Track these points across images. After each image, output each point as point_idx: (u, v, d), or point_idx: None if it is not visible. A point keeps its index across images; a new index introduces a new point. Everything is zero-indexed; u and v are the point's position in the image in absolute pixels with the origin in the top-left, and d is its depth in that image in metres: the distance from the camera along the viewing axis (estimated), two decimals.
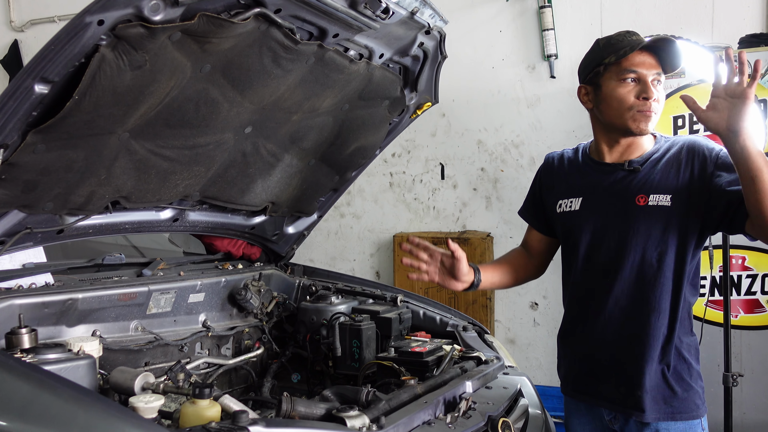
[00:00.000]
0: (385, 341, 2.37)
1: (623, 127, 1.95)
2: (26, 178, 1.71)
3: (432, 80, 2.42)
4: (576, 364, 2.10)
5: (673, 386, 1.91)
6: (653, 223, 1.90)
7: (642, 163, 1.96)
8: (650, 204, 1.90)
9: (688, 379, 1.93)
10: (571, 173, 2.10)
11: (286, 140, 2.29)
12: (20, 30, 5.80)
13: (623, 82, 1.93)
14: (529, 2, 4.33)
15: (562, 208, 2.07)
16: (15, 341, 1.66)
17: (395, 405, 1.71)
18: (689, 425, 1.92)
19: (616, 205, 1.95)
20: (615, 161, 2.00)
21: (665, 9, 4.05)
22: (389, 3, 1.86)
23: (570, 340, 2.13)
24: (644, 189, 1.92)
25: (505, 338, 4.54)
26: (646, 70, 1.92)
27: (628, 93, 1.92)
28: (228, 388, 2.40)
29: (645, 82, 1.91)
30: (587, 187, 2.03)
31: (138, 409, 1.49)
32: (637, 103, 1.91)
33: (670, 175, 1.90)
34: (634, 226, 1.91)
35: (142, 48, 1.52)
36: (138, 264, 2.42)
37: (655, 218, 1.90)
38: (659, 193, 1.90)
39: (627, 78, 1.92)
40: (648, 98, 1.90)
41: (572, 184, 2.07)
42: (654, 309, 1.91)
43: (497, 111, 4.48)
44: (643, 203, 1.91)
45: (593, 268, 2.00)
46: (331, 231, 4.99)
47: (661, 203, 1.89)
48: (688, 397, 1.92)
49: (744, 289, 3.46)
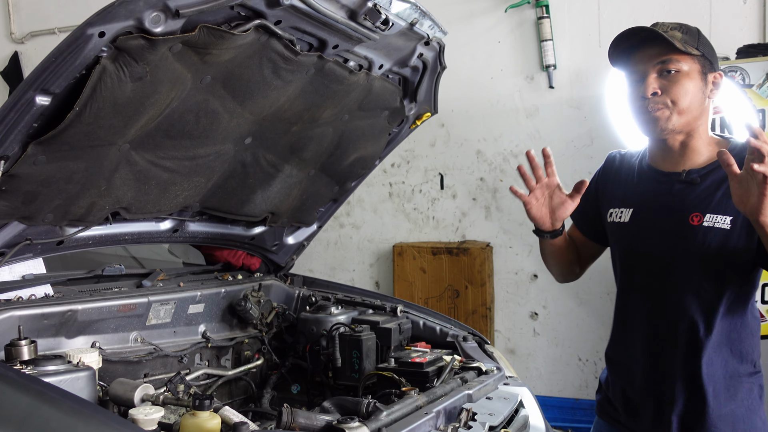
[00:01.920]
0: (385, 352, 2.36)
1: (644, 134, 1.78)
2: (26, 190, 1.71)
3: (431, 91, 2.43)
4: (611, 391, 1.93)
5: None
6: (708, 247, 1.67)
7: (703, 175, 1.71)
8: (705, 224, 1.67)
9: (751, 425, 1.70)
10: (628, 179, 1.89)
11: (286, 151, 2.29)
12: (20, 42, 5.83)
13: (631, 86, 1.76)
14: (527, 13, 4.35)
15: (612, 217, 1.87)
16: (14, 353, 1.65)
17: (396, 416, 1.70)
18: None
19: (667, 222, 1.74)
20: (672, 170, 1.77)
21: (663, 19, 4.04)
22: (389, 14, 1.87)
23: (611, 362, 1.96)
24: (701, 206, 1.69)
25: (505, 348, 4.53)
26: (643, 64, 1.71)
27: (634, 95, 1.74)
28: (228, 399, 2.39)
29: (645, 78, 1.71)
30: (640, 197, 1.83)
31: (138, 421, 1.48)
32: (640, 105, 1.72)
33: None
34: (684, 246, 1.70)
35: (142, 59, 1.53)
36: (137, 275, 2.41)
37: (712, 242, 1.67)
38: (718, 214, 1.66)
39: (632, 80, 1.75)
40: (644, 97, 1.70)
41: (626, 193, 1.87)
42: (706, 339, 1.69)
43: (496, 121, 4.49)
44: (697, 222, 1.68)
45: (635, 288, 1.83)
46: (331, 241, 4.99)
47: (718, 225, 1.65)
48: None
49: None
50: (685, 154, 1.75)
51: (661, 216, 1.76)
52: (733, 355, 1.72)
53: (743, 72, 3.38)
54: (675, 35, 1.68)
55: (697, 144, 1.74)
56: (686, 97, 1.68)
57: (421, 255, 4.46)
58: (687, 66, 1.69)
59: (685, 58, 1.69)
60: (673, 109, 1.69)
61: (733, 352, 1.72)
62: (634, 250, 1.83)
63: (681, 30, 1.71)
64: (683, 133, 1.73)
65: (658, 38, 1.68)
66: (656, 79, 1.69)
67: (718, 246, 1.67)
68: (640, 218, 1.81)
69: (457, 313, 4.34)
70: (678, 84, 1.68)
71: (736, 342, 1.73)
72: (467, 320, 4.25)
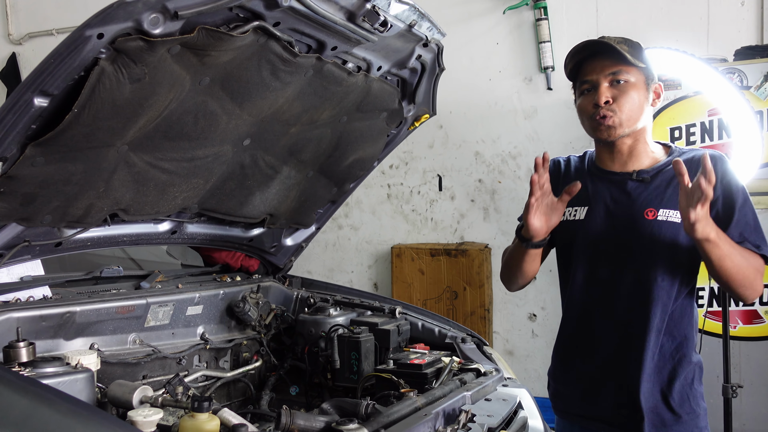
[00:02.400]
0: (383, 353, 2.36)
1: (595, 138, 1.93)
2: (25, 191, 1.71)
3: (430, 92, 2.43)
4: (573, 384, 2.05)
5: (674, 409, 1.86)
6: (661, 239, 1.84)
7: (653, 175, 1.89)
8: (659, 219, 1.84)
9: (690, 403, 1.88)
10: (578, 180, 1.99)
11: (285, 152, 2.29)
12: (18, 43, 5.82)
13: (583, 95, 1.92)
14: (525, 15, 4.36)
15: (566, 216, 1.98)
16: (13, 355, 1.65)
17: (395, 418, 1.70)
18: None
19: (623, 218, 1.89)
20: (621, 170, 1.94)
21: (661, 21, 4.08)
22: (387, 16, 1.87)
23: (567, 358, 2.08)
24: (655, 203, 1.86)
25: (504, 350, 4.53)
26: (596, 74, 1.86)
27: (587, 104, 1.89)
28: (226, 401, 2.39)
29: (597, 88, 1.86)
30: (593, 196, 1.97)
31: (136, 423, 1.48)
32: (593, 112, 1.87)
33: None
34: (640, 240, 1.86)
35: (141, 61, 1.52)
36: (136, 276, 2.41)
37: (665, 234, 1.84)
38: (670, 209, 1.83)
39: (584, 89, 1.91)
40: (598, 105, 1.85)
41: (578, 193, 1.96)
42: (653, 326, 1.85)
43: (494, 123, 4.49)
44: (652, 217, 1.85)
45: (594, 281, 1.95)
46: (329, 243, 4.99)
47: (671, 219, 1.83)
48: (690, 420, 1.87)
49: None
50: (632, 156, 1.92)
51: (616, 212, 1.91)
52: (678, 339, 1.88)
53: (741, 74, 3.38)
54: (623, 48, 1.84)
55: (642, 147, 1.92)
56: (634, 106, 1.86)
57: (419, 256, 4.46)
58: (634, 77, 1.86)
59: (633, 69, 1.86)
60: (622, 116, 1.85)
61: (678, 336, 1.88)
62: (591, 245, 1.94)
63: (627, 44, 1.88)
64: (631, 137, 1.90)
65: (610, 51, 1.84)
66: (608, 89, 1.85)
67: (671, 238, 1.83)
68: (596, 215, 1.94)
69: (455, 315, 4.34)
70: (627, 93, 1.85)
71: (686, 328, 1.90)
72: (466, 322, 4.25)
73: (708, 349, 3.24)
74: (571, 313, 2.05)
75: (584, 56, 1.90)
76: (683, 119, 3.51)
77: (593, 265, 1.95)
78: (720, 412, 3.01)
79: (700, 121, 3.46)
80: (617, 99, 1.85)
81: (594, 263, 1.95)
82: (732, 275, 1.76)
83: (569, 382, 2.07)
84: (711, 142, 3.45)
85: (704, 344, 3.23)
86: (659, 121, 3.54)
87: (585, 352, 1.99)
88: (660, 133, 3.52)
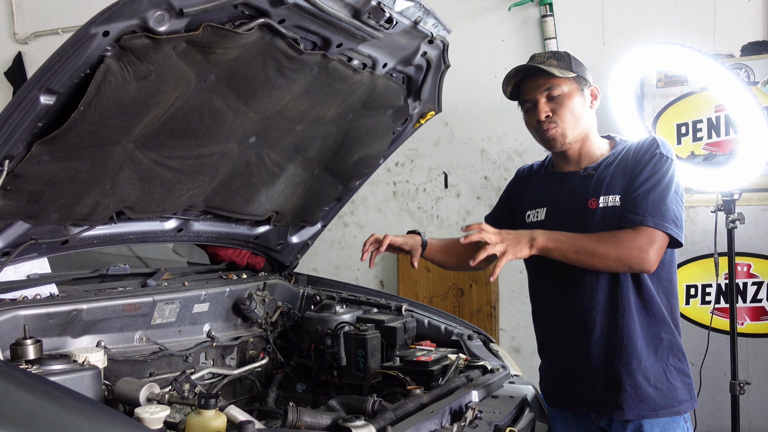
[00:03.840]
0: (389, 350, 2.36)
1: (547, 150, 2.09)
2: (31, 189, 1.71)
3: (435, 89, 2.43)
4: (554, 373, 2.12)
5: (652, 384, 1.93)
6: (607, 224, 1.93)
7: (596, 168, 2.00)
8: (601, 206, 1.94)
9: (667, 377, 1.95)
10: (537, 184, 2.17)
11: (290, 150, 2.29)
12: (24, 42, 5.84)
13: (527, 113, 2.07)
14: (530, 11, 4.35)
15: (530, 218, 2.12)
16: (20, 352, 1.66)
17: (401, 415, 1.70)
18: (673, 420, 1.94)
19: (573, 211, 2.00)
20: (573, 170, 2.06)
21: (667, 17, 4.06)
22: (393, 13, 1.87)
23: (547, 350, 2.16)
24: (596, 192, 1.96)
25: (510, 347, 4.52)
26: (533, 93, 2.02)
27: (531, 120, 2.05)
28: (233, 398, 2.39)
29: (536, 105, 2.01)
30: (550, 196, 2.09)
31: (143, 420, 1.48)
32: (538, 127, 2.03)
33: (619, 176, 1.94)
34: (590, 228, 1.94)
35: (146, 59, 1.53)
36: (142, 274, 2.42)
37: (608, 219, 1.93)
38: (609, 194, 1.94)
39: (526, 108, 2.06)
40: (540, 120, 2.00)
41: (538, 195, 2.14)
42: (620, 309, 1.94)
43: (500, 119, 4.48)
44: (594, 206, 1.95)
45: (558, 275, 2.03)
46: (335, 240, 4.99)
47: (611, 204, 1.93)
48: (668, 393, 1.94)
49: (750, 297, 3.45)
50: (581, 157, 2.05)
51: (566, 208, 2.04)
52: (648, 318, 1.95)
53: (748, 69, 3.37)
54: (552, 63, 2.00)
55: (590, 146, 2.06)
56: (573, 114, 2.00)
57: None
58: (567, 88, 2.00)
59: (564, 81, 2.00)
60: (565, 125, 2.00)
61: (649, 315, 1.96)
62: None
63: (555, 57, 2.03)
64: (578, 141, 2.04)
65: (539, 71, 1.99)
66: (546, 104, 2.00)
67: (614, 222, 1.92)
68: (552, 213, 2.08)
69: (461, 312, 4.33)
70: (564, 105, 2.00)
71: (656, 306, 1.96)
72: (472, 319, 4.25)
73: (715, 345, 3.23)
74: (543, 310, 2.14)
75: (519, 78, 2.06)
76: (690, 115, 3.49)
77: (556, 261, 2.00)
78: (727, 408, 3.01)
79: (707, 117, 3.45)
80: (556, 111, 1.99)
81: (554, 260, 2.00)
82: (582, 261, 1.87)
83: (548, 370, 2.16)
84: (718, 138, 3.44)
85: (712, 341, 3.22)
86: (665, 117, 3.53)
87: (557, 340, 2.08)
88: (667, 129, 3.51)
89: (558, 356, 2.10)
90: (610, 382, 1.95)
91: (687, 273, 3.47)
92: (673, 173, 1.92)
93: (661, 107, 3.55)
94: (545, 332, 2.15)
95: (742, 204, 3.06)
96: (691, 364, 2.06)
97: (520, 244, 1.88)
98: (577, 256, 1.86)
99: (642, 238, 1.84)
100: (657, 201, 1.87)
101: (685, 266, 3.45)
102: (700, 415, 3.33)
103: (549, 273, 2.06)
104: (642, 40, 3.31)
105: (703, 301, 3.46)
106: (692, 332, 3.36)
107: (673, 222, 1.86)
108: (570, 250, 1.87)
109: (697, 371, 3.17)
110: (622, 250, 1.84)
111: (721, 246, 3.02)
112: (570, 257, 1.87)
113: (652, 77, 3.58)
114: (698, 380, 3.16)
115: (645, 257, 1.83)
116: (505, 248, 1.86)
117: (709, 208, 3.16)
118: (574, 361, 2.02)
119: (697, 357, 3.19)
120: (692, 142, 3.48)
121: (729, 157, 2.98)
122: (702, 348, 3.21)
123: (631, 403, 1.93)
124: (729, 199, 2.93)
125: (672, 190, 1.89)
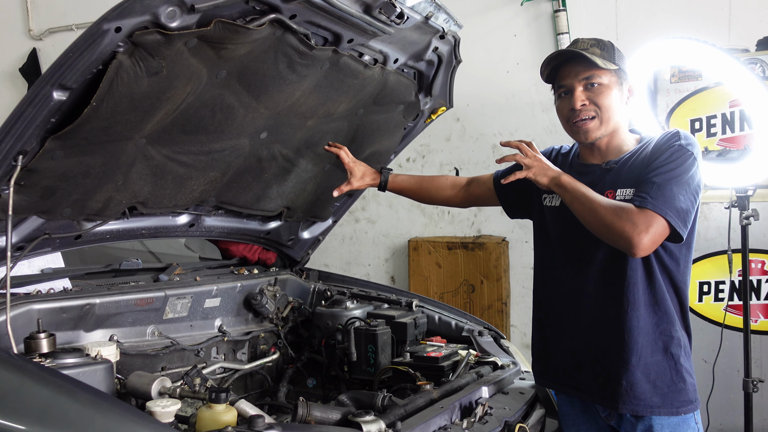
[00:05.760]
0: (400, 346, 2.36)
1: (576, 140, 2.03)
2: (45, 184, 1.73)
3: (446, 85, 2.42)
4: (554, 358, 2.08)
5: (651, 381, 1.90)
6: None
7: (618, 162, 1.97)
8: (618, 198, 1.90)
9: (672, 375, 1.91)
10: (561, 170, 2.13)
11: (302, 145, 2.29)
12: (39, 39, 5.87)
13: (560, 98, 2.01)
14: (543, 6, 4.32)
15: (546, 202, 2.10)
16: (33, 346, 1.67)
17: (411, 410, 1.71)
18: (683, 420, 1.91)
19: None
20: (597, 162, 2.02)
21: (681, 11, 4.02)
22: (404, 8, 1.86)
23: (546, 333, 2.12)
24: (613, 185, 1.93)
25: (521, 343, 4.51)
26: (570, 79, 1.96)
27: (564, 107, 1.99)
28: (243, 392, 2.41)
29: (571, 92, 1.96)
30: None
31: (155, 414, 1.49)
32: (570, 115, 1.97)
33: (638, 168, 1.91)
34: None
35: (158, 54, 1.53)
36: (154, 269, 2.43)
37: None
38: (626, 187, 1.90)
39: (560, 93, 2.00)
40: (574, 109, 1.94)
41: None
42: (627, 302, 1.91)
43: (512, 115, 4.46)
44: (611, 197, 1.91)
45: (567, 262, 2.01)
46: (346, 236, 4.99)
47: (627, 197, 1.89)
48: (672, 393, 1.90)
49: (763, 294, 3.41)
50: (608, 150, 2.01)
51: None
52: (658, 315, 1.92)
53: (763, 64, 3.33)
54: (595, 52, 1.94)
55: (618, 141, 2.01)
56: (609, 106, 1.95)
57: (436, 250, 4.46)
58: (607, 79, 1.95)
59: (605, 72, 1.95)
60: (599, 117, 1.95)
61: (658, 312, 1.92)
62: (567, 229, 2.00)
63: (599, 46, 1.97)
64: (607, 136, 1.99)
65: (581, 57, 1.93)
66: (582, 92, 1.95)
67: None
68: None
69: (472, 308, 4.33)
70: (601, 95, 1.94)
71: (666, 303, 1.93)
72: (483, 315, 4.24)
73: (729, 343, 3.21)
74: (549, 294, 2.12)
75: (559, 62, 1.99)
76: (704, 111, 3.45)
77: (567, 247, 2.01)
78: (741, 406, 2.98)
79: (721, 112, 3.41)
80: (592, 102, 1.95)
81: (568, 244, 2.02)
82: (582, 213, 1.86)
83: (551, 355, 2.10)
84: (732, 134, 3.40)
85: (725, 338, 3.20)
86: (679, 112, 3.49)
87: (562, 328, 2.04)
88: (680, 124, 3.47)
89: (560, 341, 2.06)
90: (611, 374, 1.93)
91: (700, 269, 3.44)
92: (689, 167, 1.86)
93: (674, 102, 3.51)
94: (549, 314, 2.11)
95: (757, 200, 3.03)
96: (703, 361, 2.04)
97: (546, 173, 1.92)
98: (580, 206, 1.86)
99: (640, 218, 1.79)
100: (665, 188, 1.83)
101: (698, 263, 3.42)
102: (713, 412, 3.30)
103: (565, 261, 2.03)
104: (656, 34, 3.28)
105: (717, 298, 3.43)
106: (705, 329, 3.33)
107: (676, 212, 1.81)
108: (578, 198, 1.86)
109: (710, 369, 3.14)
110: (617, 219, 1.80)
111: (734, 242, 3.00)
112: (575, 207, 1.87)
113: (666, 72, 3.54)
114: (711, 378, 3.14)
115: (635, 237, 1.77)
116: (531, 164, 1.94)
117: (722, 204, 3.14)
118: (576, 347, 2.00)
119: (710, 354, 3.16)
120: (706, 137, 3.45)
121: (743, 152, 2.95)
122: (715, 345, 3.19)
123: (626, 398, 1.90)
124: (743, 195, 2.90)
125: (684, 182, 1.84)
